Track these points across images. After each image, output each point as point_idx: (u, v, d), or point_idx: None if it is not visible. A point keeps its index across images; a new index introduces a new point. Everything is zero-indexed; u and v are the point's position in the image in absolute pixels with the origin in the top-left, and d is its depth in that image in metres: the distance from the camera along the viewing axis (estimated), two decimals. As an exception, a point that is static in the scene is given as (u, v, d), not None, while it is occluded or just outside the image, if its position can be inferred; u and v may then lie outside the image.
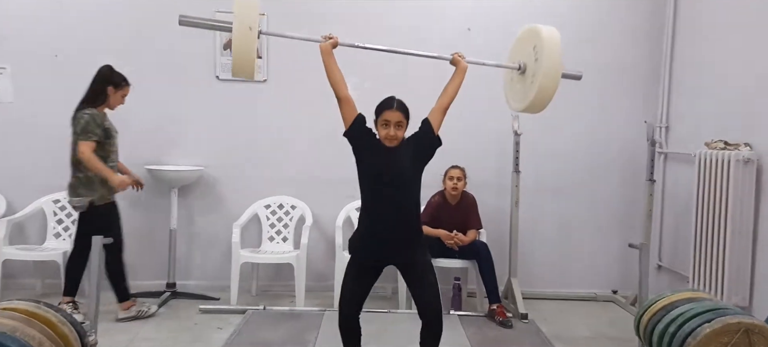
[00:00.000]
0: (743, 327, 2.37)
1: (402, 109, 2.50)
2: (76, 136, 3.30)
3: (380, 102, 2.53)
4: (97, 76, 3.43)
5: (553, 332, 3.53)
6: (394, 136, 2.46)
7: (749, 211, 3.27)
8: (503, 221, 4.17)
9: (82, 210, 3.33)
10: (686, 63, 4.06)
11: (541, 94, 2.60)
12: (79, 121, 3.31)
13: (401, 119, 2.47)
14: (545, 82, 2.58)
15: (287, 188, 4.22)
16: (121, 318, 3.48)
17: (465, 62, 2.66)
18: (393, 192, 2.47)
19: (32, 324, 2.09)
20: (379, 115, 2.51)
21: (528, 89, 2.70)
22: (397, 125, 2.46)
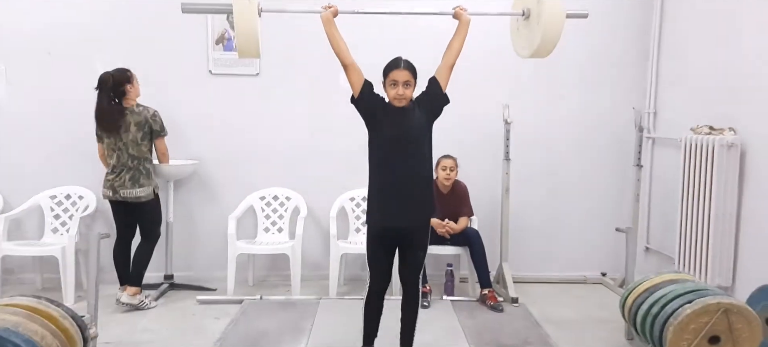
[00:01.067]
0: (722, 307, 2.47)
1: (409, 67, 2.55)
2: (155, 133, 3.64)
3: (387, 63, 2.57)
4: (101, 83, 3.56)
5: (543, 314, 3.62)
6: (403, 95, 2.51)
7: (733, 195, 3.35)
8: (494, 208, 4.25)
9: (148, 200, 3.62)
10: (673, 50, 4.12)
11: (547, 36, 2.57)
12: (155, 119, 3.61)
13: (409, 78, 2.52)
14: (550, 23, 2.54)
15: (281, 180, 4.27)
16: (124, 302, 3.59)
17: (467, 15, 2.65)
18: (406, 152, 2.55)
19: (34, 319, 2.16)
20: (387, 75, 2.55)
21: (534, 33, 2.67)
22: (405, 84, 2.51)
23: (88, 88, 4.03)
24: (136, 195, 3.57)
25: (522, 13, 2.75)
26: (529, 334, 3.28)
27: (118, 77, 3.56)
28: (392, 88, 2.53)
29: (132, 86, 3.61)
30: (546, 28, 2.54)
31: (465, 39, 2.64)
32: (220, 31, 4.20)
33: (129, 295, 3.60)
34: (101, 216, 4.14)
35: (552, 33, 2.55)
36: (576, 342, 3.22)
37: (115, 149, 3.58)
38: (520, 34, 2.84)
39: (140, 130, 3.55)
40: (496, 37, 4.28)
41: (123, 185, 3.56)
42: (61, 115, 4.10)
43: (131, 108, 3.56)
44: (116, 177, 3.57)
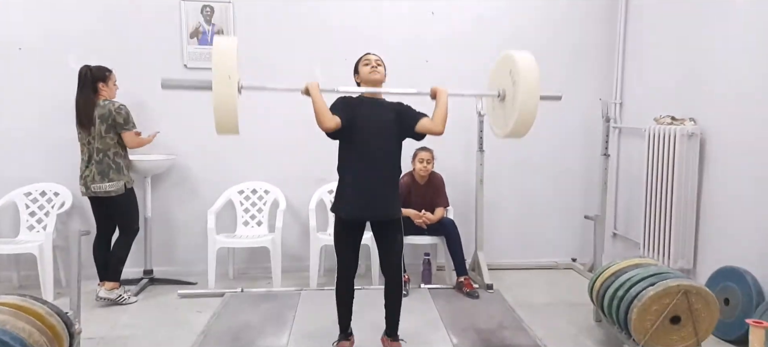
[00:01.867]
0: (682, 289, 2.63)
1: (377, 55, 2.75)
2: (119, 126, 3.57)
3: (358, 58, 2.77)
4: (80, 77, 3.57)
5: (517, 300, 3.77)
6: (376, 70, 2.67)
7: (693, 182, 3.53)
8: (469, 198, 4.37)
9: (119, 194, 3.60)
10: (639, 43, 4.29)
11: (522, 118, 2.54)
12: (119, 112, 3.56)
13: (380, 60, 2.72)
14: (524, 106, 2.52)
15: (260, 174, 4.31)
16: (103, 297, 3.61)
17: (443, 88, 2.71)
18: (376, 142, 2.66)
19: (20, 317, 2.18)
20: (359, 61, 2.74)
21: (509, 115, 2.67)
22: (376, 62, 2.69)
23: (61, 83, 4.01)
24: (106, 189, 3.56)
25: (497, 95, 2.76)
26: (504, 319, 3.42)
27: (94, 73, 3.57)
28: (366, 66, 2.70)
29: (105, 86, 3.61)
30: (521, 110, 2.51)
31: (446, 112, 2.67)
32: (194, 24, 4.19)
33: (107, 290, 3.62)
34: (77, 212, 4.12)
35: (527, 115, 2.53)
36: (548, 325, 3.37)
37: (86, 143, 3.59)
38: (496, 114, 2.86)
39: (104, 122, 3.54)
40: (471, 34, 4.42)
41: (93, 180, 3.56)
42: (34, 112, 4.05)
43: (98, 102, 3.56)
44: (87, 173, 3.58)
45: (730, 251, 3.28)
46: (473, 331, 3.22)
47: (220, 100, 2.32)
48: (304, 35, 4.27)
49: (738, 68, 3.26)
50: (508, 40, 4.42)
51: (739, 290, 3.06)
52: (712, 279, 3.28)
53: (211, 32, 4.19)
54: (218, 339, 3.09)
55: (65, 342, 2.36)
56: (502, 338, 3.14)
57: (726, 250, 3.31)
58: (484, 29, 4.40)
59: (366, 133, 2.65)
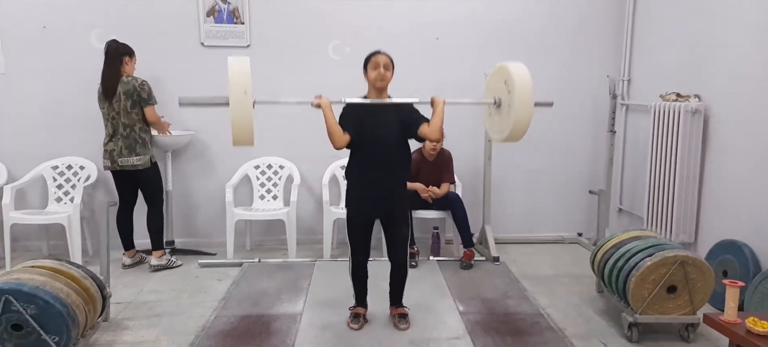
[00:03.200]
0: (679, 259, 2.75)
1: (387, 55, 2.81)
2: (143, 101, 3.74)
3: (368, 54, 2.83)
4: (108, 50, 3.74)
5: (522, 272, 3.91)
6: (384, 76, 2.76)
7: (696, 158, 3.62)
8: (478, 174, 4.50)
9: (145, 168, 3.79)
10: (646, 20, 4.33)
11: (518, 124, 2.69)
12: (143, 87, 3.73)
13: (388, 62, 2.78)
14: (519, 113, 2.67)
15: (275, 149, 4.46)
16: (154, 264, 3.89)
17: (440, 99, 2.78)
18: (383, 148, 2.79)
19: (58, 279, 2.37)
20: (368, 62, 2.81)
21: (504, 122, 2.82)
22: (384, 66, 2.76)
23: (84, 61, 4.18)
24: (133, 163, 3.75)
25: (493, 102, 2.90)
26: (509, 289, 3.56)
27: (120, 47, 3.75)
28: (374, 70, 2.76)
29: (130, 60, 3.79)
30: (516, 117, 2.66)
31: (442, 121, 2.76)
32: (211, 3, 4.31)
33: (157, 258, 3.90)
34: (102, 185, 4.32)
35: (522, 121, 2.68)
36: (551, 295, 3.51)
37: (109, 118, 3.75)
38: (493, 120, 3.00)
39: (129, 98, 3.70)
40: (477, 10, 4.49)
41: (120, 154, 3.74)
42: (59, 88, 4.23)
43: (122, 78, 3.72)
44: (113, 147, 3.75)
45: (729, 225, 3.38)
46: (479, 300, 3.38)
47: (237, 118, 2.52)
48: (318, 13, 4.37)
49: (742, 46, 3.32)
50: (517, 17, 4.52)
51: (737, 262, 3.18)
52: (712, 252, 3.39)
53: (227, 10, 4.31)
54: (238, 304, 3.28)
55: (99, 304, 2.56)
56: (506, 306, 3.29)
57: (726, 224, 3.41)
58: (492, 7, 4.47)
59: (373, 140, 2.78)
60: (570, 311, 3.27)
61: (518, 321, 3.08)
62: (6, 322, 2.25)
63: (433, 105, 2.77)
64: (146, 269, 3.94)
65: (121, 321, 3.06)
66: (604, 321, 3.13)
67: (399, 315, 3.00)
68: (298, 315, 3.12)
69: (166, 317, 3.13)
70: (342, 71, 4.31)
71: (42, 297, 2.21)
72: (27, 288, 2.23)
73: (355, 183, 2.90)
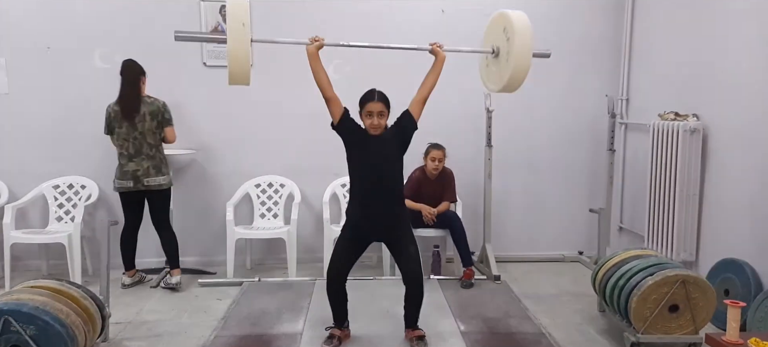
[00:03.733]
0: (680, 279, 2.74)
1: (383, 99, 2.82)
2: (166, 121, 3.83)
3: (362, 95, 2.85)
4: (129, 70, 3.76)
5: (523, 290, 3.90)
6: (378, 125, 2.80)
7: (696, 176, 3.63)
8: (478, 192, 4.50)
9: (169, 187, 3.89)
10: (645, 40, 4.37)
11: (515, 73, 2.73)
12: (166, 108, 3.82)
13: (382, 109, 2.81)
14: (518, 62, 2.70)
15: (276, 168, 4.48)
16: (174, 283, 3.87)
17: (443, 52, 2.88)
18: (380, 177, 2.83)
19: (59, 299, 2.36)
20: (363, 107, 2.84)
21: (503, 70, 2.84)
22: (379, 114, 2.79)
23: (87, 81, 4.23)
24: (160, 183, 3.80)
25: (492, 51, 2.93)
26: (510, 308, 3.55)
27: (138, 67, 3.80)
28: (368, 118, 2.81)
29: (145, 80, 3.85)
30: (515, 65, 2.70)
31: (439, 74, 2.86)
32: (213, 24, 4.36)
33: (177, 276, 3.90)
34: (103, 204, 4.33)
35: (520, 70, 2.72)
36: (553, 314, 3.49)
37: (130, 138, 3.74)
38: (490, 70, 3.03)
39: (154, 119, 3.75)
40: (476, 30, 4.52)
41: (147, 174, 3.76)
42: (61, 108, 4.26)
43: (144, 98, 3.76)
44: (137, 167, 3.74)
45: (730, 244, 3.37)
46: (480, 320, 3.36)
47: (234, 47, 2.51)
48: (320, 33, 4.38)
49: (741, 66, 3.35)
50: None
51: (738, 281, 3.17)
52: (713, 271, 3.39)
53: (229, 32, 4.34)
54: (238, 323, 3.26)
55: (98, 324, 2.55)
56: (508, 326, 3.27)
57: (727, 243, 3.41)
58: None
59: (369, 170, 2.82)
60: (572, 330, 3.25)
61: (520, 341, 3.06)
62: (5, 343, 2.25)
63: (435, 53, 2.86)
64: (146, 289, 3.93)
65: (120, 341, 3.05)
66: (606, 340, 3.11)
67: (416, 338, 2.93)
68: (298, 335, 3.11)
69: (165, 337, 3.12)
70: (344, 91, 4.32)
71: (42, 318, 2.20)
72: (27, 309, 2.23)
73: (354, 207, 2.92)
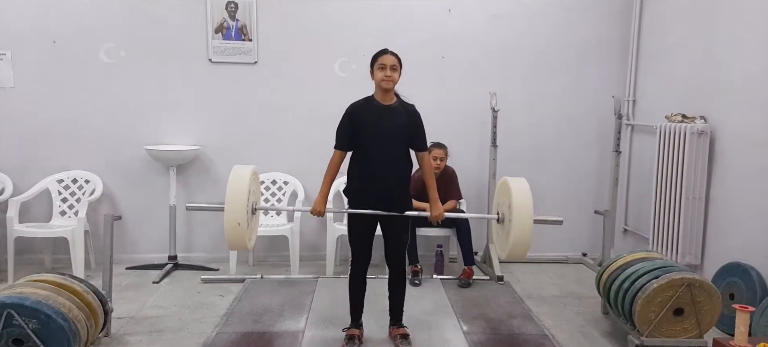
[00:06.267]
0: (686, 282, 2.72)
1: (395, 54, 2.81)
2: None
3: (375, 53, 2.83)
4: None
5: (526, 291, 3.88)
6: (391, 77, 2.75)
7: (702, 179, 3.60)
8: (482, 192, 4.49)
9: None
10: (652, 40, 4.34)
11: (517, 244, 2.74)
12: None
13: (395, 63, 2.78)
14: (518, 234, 2.71)
15: (280, 164, 4.47)
16: None
17: (440, 214, 2.89)
18: (383, 148, 2.78)
19: (61, 294, 2.36)
20: (375, 61, 2.80)
21: (505, 240, 2.85)
22: (392, 67, 2.76)
23: (92, 75, 4.23)
24: None
25: (497, 219, 2.95)
26: (513, 309, 3.53)
27: None
28: (380, 71, 2.76)
29: None
30: (515, 237, 2.71)
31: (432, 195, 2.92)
32: (219, 20, 4.35)
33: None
34: (106, 199, 4.33)
35: (521, 244, 2.73)
36: (556, 316, 3.47)
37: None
38: (499, 234, 3.03)
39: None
40: (483, 30, 4.52)
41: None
42: (67, 102, 4.26)
43: None
44: None
45: (736, 247, 3.35)
46: (483, 320, 3.34)
47: (231, 242, 2.70)
48: (325, 31, 4.41)
49: (749, 68, 3.32)
50: (521, 37, 4.54)
51: (744, 285, 3.14)
52: (719, 274, 3.36)
53: (235, 27, 4.35)
54: (240, 320, 3.26)
55: (100, 318, 2.55)
56: (510, 327, 3.26)
57: (733, 246, 3.38)
58: (498, 26, 4.50)
59: (373, 140, 2.78)
60: (575, 332, 3.23)
61: (523, 343, 3.05)
62: (7, 336, 2.25)
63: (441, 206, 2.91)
64: (149, 284, 3.92)
65: (122, 336, 3.05)
66: (610, 343, 3.09)
67: (400, 336, 2.95)
68: (300, 333, 3.10)
69: (167, 333, 3.11)
70: (348, 88, 4.30)
71: (44, 312, 2.20)
72: (29, 303, 2.23)
73: (356, 180, 2.87)
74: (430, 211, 2.89)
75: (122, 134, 4.30)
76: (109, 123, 4.29)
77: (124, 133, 4.30)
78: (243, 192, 2.64)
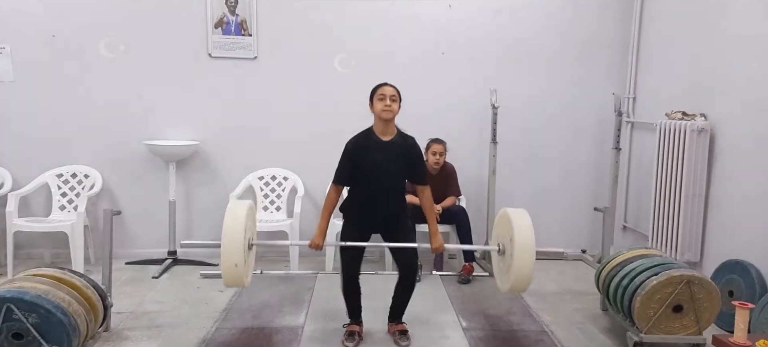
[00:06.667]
0: (685, 279, 2.72)
1: (394, 87, 2.81)
2: None
3: (374, 86, 2.83)
4: None
5: (526, 288, 3.88)
6: (390, 108, 2.76)
7: (702, 176, 3.60)
8: (482, 188, 4.48)
9: None
10: (652, 38, 4.34)
11: (519, 277, 2.71)
12: None
13: (394, 93, 2.79)
14: (520, 270, 2.68)
15: (279, 160, 4.47)
16: None
17: (440, 246, 2.92)
18: (384, 182, 2.81)
19: (61, 288, 2.36)
20: (375, 93, 2.81)
21: (507, 271, 2.83)
22: (391, 98, 2.77)
23: (92, 69, 4.22)
24: None
25: (498, 250, 2.92)
26: (512, 305, 3.54)
27: None
28: (380, 102, 2.76)
29: None
30: (518, 269, 2.67)
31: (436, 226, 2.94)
32: (219, 15, 4.34)
33: None
34: (106, 194, 4.32)
35: (523, 279, 2.70)
36: (555, 312, 3.48)
37: None
38: (499, 266, 3.00)
39: None
40: (483, 25, 4.51)
41: None
42: (66, 96, 4.25)
43: None
44: None
45: (735, 245, 3.35)
46: (482, 316, 3.35)
47: (228, 274, 2.61)
48: (325, 26, 4.40)
49: (749, 65, 3.31)
50: (523, 34, 4.53)
51: (743, 282, 3.15)
52: (718, 271, 3.36)
53: (235, 22, 4.33)
54: (239, 316, 3.26)
55: (100, 313, 2.55)
56: (509, 323, 3.26)
57: (732, 244, 3.38)
58: (499, 22, 4.49)
59: (373, 174, 2.79)
60: (574, 329, 3.24)
61: (522, 339, 3.05)
62: (7, 330, 2.24)
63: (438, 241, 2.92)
64: (148, 279, 3.92)
65: (122, 331, 3.05)
66: (609, 339, 3.09)
67: (399, 332, 2.95)
68: (299, 328, 3.10)
69: (166, 328, 3.11)
70: (348, 84, 4.32)
71: (44, 306, 2.20)
72: (29, 297, 2.22)
73: (354, 206, 2.91)
74: (431, 244, 2.92)
75: (122, 129, 4.30)
76: (109, 117, 4.28)
77: (124, 128, 4.29)
78: (239, 232, 2.57)
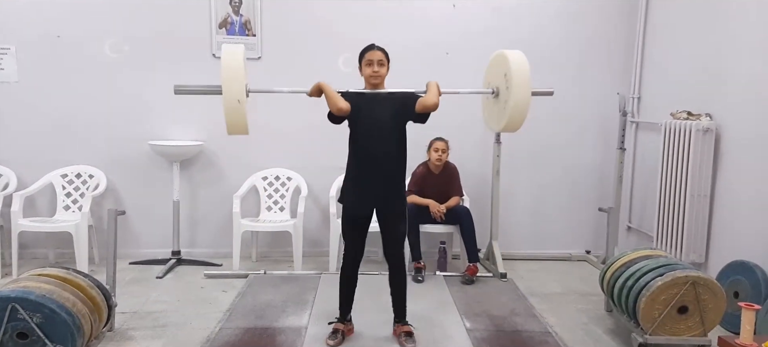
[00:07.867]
0: (690, 280, 2.71)
1: (381, 49, 2.81)
2: None
3: (362, 48, 2.83)
4: None
5: (529, 288, 3.87)
6: (378, 73, 2.77)
7: (707, 177, 3.58)
8: (485, 189, 4.47)
9: None
10: (657, 37, 4.32)
11: (515, 113, 2.72)
12: None
13: (382, 58, 2.80)
14: (517, 105, 2.70)
15: (283, 161, 4.47)
16: None
17: (436, 93, 2.77)
18: (376, 142, 2.78)
19: (65, 288, 2.37)
20: (363, 57, 2.82)
21: (502, 111, 2.85)
22: (379, 63, 2.78)
23: (96, 70, 4.23)
24: None
25: (492, 92, 2.93)
26: (516, 306, 3.53)
27: None
28: (368, 67, 2.78)
29: None
30: (513, 109, 2.69)
31: (433, 105, 2.75)
32: (223, 15, 4.35)
33: None
34: (111, 194, 4.33)
35: (520, 111, 2.71)
36: (559, 313, 3.47)
37: None
38: (491, 110, 3.01)
39: None
40: (487, 25, 4.50)
41: None
42: (71, 97, 4.26)
43: None
44: None
45: (741, 246, 3.33)
46: (486, 317, 3.34)
47: (231, 124, 2.60)
48: (329, 26, 4.40)
49: (754, 65, 3.30)
50: (526, 32, 4.52)
51: (749, 283, 3.13)
52: (723, 272, 3.34)
53: (239, 22, 4.34)
54: (243, 316, 3.26)
55: (104, 313, 2.55)
56: (514, 324, 3.25)
57: (737, 245, 3.37)
58: (503, 22, 4.48)
59: (366, 134, 2.79)
60: (578, 330, 3.23)
61: (526, 340, 3.04)
62: (12, 330, 2.25)
63: (427, 87, 2.81)
64: (153, 279, 3.93)
65: (126, 331, 3.05)
66: (614, 341, 3.08)
67: (405, 333, 2.93)
68: (303, 329, 3.10)
69: (170, 328, 3.12)
70: (352, 84, 4.29)
71: (48, 306, 2.21)
72: (34, 297, 2.23)
73: (349, 178, 2.88)
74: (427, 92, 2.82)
75: (126, 129, 4.31)
76: (113, 118, 4.29)
77: (128, 128, 4.31)
78: (240, 69, 2.53)
